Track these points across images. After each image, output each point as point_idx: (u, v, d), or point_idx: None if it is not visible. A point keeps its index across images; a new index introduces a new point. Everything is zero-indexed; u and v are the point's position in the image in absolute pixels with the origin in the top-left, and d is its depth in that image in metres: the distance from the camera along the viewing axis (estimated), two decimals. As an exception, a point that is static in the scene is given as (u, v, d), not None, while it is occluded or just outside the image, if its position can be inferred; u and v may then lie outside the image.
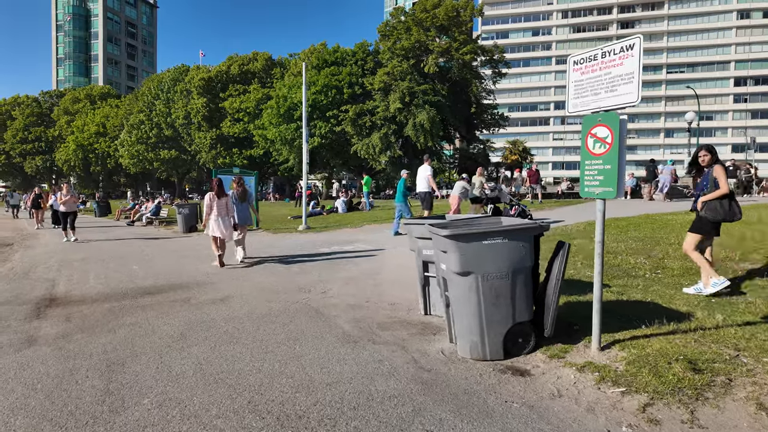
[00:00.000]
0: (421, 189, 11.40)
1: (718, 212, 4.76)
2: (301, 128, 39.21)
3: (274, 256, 9.13)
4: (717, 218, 4.79)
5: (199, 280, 6.81)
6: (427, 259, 4.65)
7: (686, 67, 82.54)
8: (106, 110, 65.54)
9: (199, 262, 8.57)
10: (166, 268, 7.96)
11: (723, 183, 4.75)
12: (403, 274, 6.91)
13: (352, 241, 11.07)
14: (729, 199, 4.76)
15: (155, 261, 8.90)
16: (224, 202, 8.17)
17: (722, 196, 4.75)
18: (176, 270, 7.77)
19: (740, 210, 4.80)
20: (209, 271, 7.59)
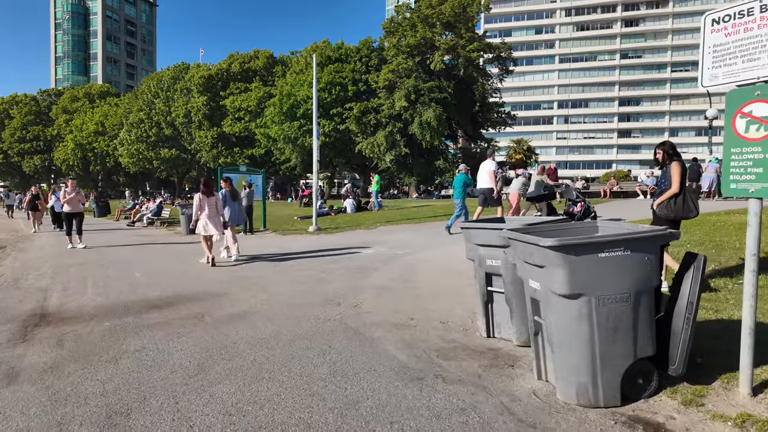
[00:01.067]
0: (482, 185, 10.72)
1: (671, 210, 4.81)
2: (304, 126, 38.49)
3: (287, 260, 8.35)
4: (670, 216, 4.83)
5: (211, 291, 6.01)
6: (492, 270, 3.87)
7: (691, 66, 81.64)
8: (105, 109, 64.67)
9: (208, 269, 7.77)
10: (173, 276, 7.16)
11: (675, 182, 4.79)
12: (443, 284, 6.13)
13: (371, 243, 10.27)
14: (683, 197, 4.78)
15: (160, 266, 8.10)
16: (214, 201, 8.28)
17: (673, 194, 4.80)
18: (184, 277, 6.97)
19: (696, 207, 4.81)
20: (222, 279, 6.79)
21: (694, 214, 4.81)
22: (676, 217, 4.85)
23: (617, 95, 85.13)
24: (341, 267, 7.68)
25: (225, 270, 7.63)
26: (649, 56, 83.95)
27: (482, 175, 10.77)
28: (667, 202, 4.83)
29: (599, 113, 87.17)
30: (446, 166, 37.20)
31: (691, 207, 4.78)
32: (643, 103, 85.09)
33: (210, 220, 8.12)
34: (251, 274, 7.19)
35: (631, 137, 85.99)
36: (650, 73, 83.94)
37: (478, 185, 10.94)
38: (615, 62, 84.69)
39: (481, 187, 10.78)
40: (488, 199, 10.67)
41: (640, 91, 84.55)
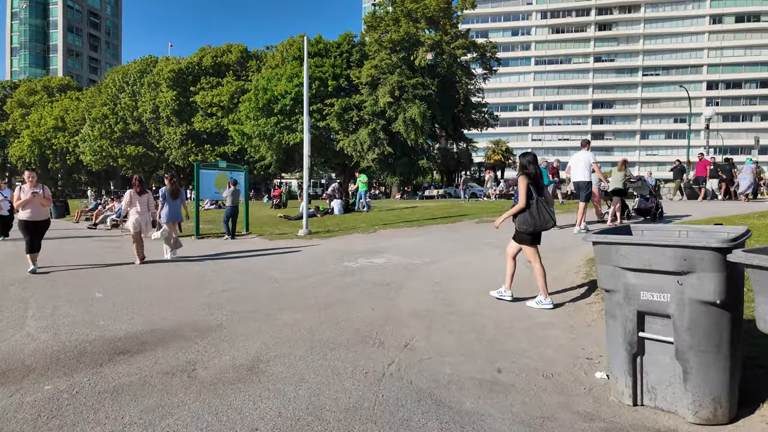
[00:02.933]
0: (580, 178, 9.44)
1: (528, 223, 4.80)
2: (282, 122, 36.68)
3: (285, 273, 6.87)
4: (529, 230, 4.84)
5: (200, 321, 4.50)
6: (650, 308, 2.55)
7: (661, 70, 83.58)
8: (66, 103, 60.88)
9: (192, 287, 6.22)
10: (144, 296, 5.59)
11: (521, 196, 4.80)
12: (499, 308, 4.79)
13: (378, 250, 8.87)
14: (536, 209, 4.76)
15: (128, 284, 6.49)
16: (145, 199, 8.32)
17: (520, 209, 4.80)
18: (160, 300, 5.41)
19: (552, 217, 4.80)
20: (209, 301, 5.27)
21: (551, 224, 4.79)
22: (535, 230, 4.85)
23: (591, 98, 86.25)
24: (357, 282, 6.26)
25: (211, 288, 6.10)
26: (621, 60, 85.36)
27: (578, 167, 9.49)
28: (525, 216, 4.79)
29: (573, 115, 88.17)
30: (430, 165, 36.08)
31: (546, 218, 4.76)
32: (615, 105, 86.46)
33: (141, 218, 8.13)
34: (246, 294, 5.69)
35: (604, 139, 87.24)
36: (622, 76, 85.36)
37: (572, 178, 9.70)
38: (589, 65, 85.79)
39: (578, 180, 9.49)
40: (580, 193, 9.55)
41: (613, 94, 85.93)
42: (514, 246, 5.08)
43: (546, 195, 4.97)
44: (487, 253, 8.13)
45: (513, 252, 5.08)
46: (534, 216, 4.78)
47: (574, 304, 5.01)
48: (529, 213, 4.78)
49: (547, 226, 4.81)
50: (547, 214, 4.77)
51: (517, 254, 5.09)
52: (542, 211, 4.76)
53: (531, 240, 4.94)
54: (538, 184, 4.91)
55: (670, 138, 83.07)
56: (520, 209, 4.82)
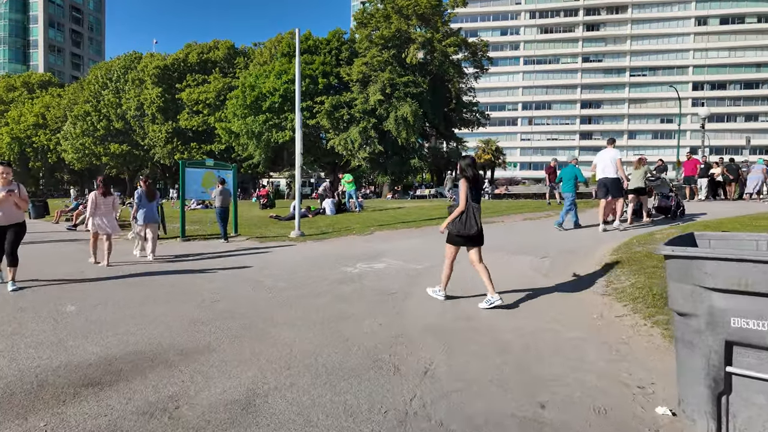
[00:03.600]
0: (607, 175, 9.41)
1: (455, 226, 4.93)
2: (270, 120, 35.93)
3: (279, 280, 6.31)
4: (454, 231, 4.98)
5: (185, 341, 3.93)
6: (741, 338, 2.08)
7: (648, 71, 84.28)
8: (47, 100, 59.28)
9: (177, 297, 5.63)
10: (124, 311, 5.00)
11: (461, 199, 4.92)
12: (523, 323, 4.31)
13: (376, 254, 8.35)
14: (467, 213, 4.87)
15: (105, 295, 5.87)
16: (110, 200, 8.28)
17: (461, 212, 4.89)
18: (141, 314, 4.82)
19: (476, 223, 4.90)
20: (195, 316, 4.70)
21: (475, 229, 4.92)
22: (460, 233, 4.94)
23: (579, 98, 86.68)
24: (358, 291, 5.74)
25: (198, 298, 5.52)
26: (609, 60, 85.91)
27: (606, 164, 9.44)
28: (455, 219, 4.91)
29: (562, 115, 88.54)
30: (421, 165, 35.64)
31: (472, 223, 4.89)
32: (603, 106, 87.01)
33: (102, 219, 8.06)
34: (238, 306, 5.12)
35: (592, 139, 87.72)
36: (610, 76, 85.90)
37: (599, 175, 9.58)
38: (577, 65, 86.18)
39: (605, 177, 9.42)
40: (611, 191, 9.41)
41: (601, 94, 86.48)
42: (448, 248, 5.18)
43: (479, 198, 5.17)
44: (490, 257, 7.66)
45: (476, 258, 5.12)
46: (462, 220, 4.91)
47: (601, 317, 4.55)
48: (461, 218, 4.91)
49: (471, 232, 4.91)
50: (473, 221, 4.90)
51: (480, 257, 5.13)
52: (470, 217, 4.89)
53: (460, 241, 5.05)
54: (477, 186, 5.08)
55: (657, 138, 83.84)
56: (461, 212, 4.91)
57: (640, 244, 7.45)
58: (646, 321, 4.19)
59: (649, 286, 5.03)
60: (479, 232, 4.98)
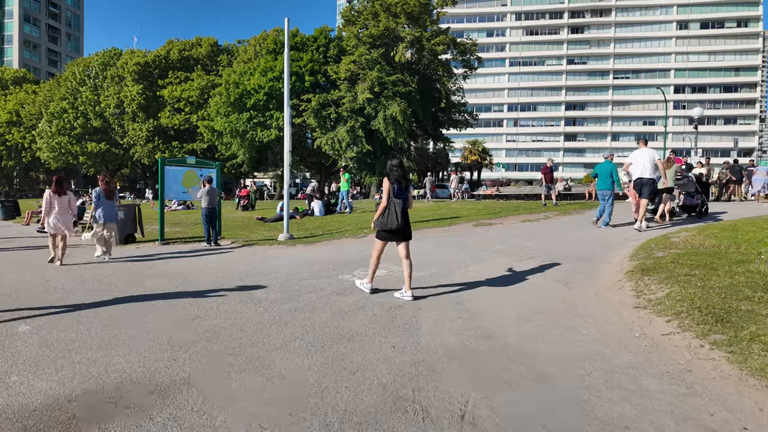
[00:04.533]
0: (644, 174, 9.22)
1: (380, 221, 5.26)
2: (255, 118, 34.96)
3: (269, 292, 5.61)
4: (379, 227, 5.30)
5: (158, 372, 3.23)
6: None
7: (631, 74, 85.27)
8: (21, 96, 57.25)
9: (152, 314, 4.90)
10: (89, 331, 4.25)
11: (384, 197, 5.24)
12: (558, 345, 3.70)
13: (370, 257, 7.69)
14: (388, 210, 5.19)
15: (68, 310, 5.11)
16: (66, 200, 8.11)
17: (384, 208, 5.22)
18: (109, 336, 4.09)
19: (398, 218, 5.15)
20: (174, 337, 3.98)
21: (396, 224, 5.18)
22: (383, 228, 5.26)
23: (564, 99, 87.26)
24: (361, 304, 5.07)
25: (176, 314, 4.80)
26: (593, 63, 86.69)
27: (644, 163, 9.25)
28: (380, 216, 5.26)
29: (547, 117, 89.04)
30: (410, 165, 35.01)
31: (393, 219, 5.18)
32: (587, 108, 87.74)
33: (59, 218, 7.92)
34: (224, 324, 4.42)
35: (576, 141, 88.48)
36: (594, 79, 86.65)
37: (635, 174, 9.38)
38: (562, 67, 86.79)
39: (643, 177, 9.22)
40: (644, 191, 9.26)
41: (585, 96, 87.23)
42: (401, 247, 5.40)
43: (409, 200, 5.40)
44: (501, 263, 7.07)
45: (403, 253, 5.38)
46: (384, 216, 5.24)
47: (644, 335, 3.97)
48: (384, 213, 5.24)
49: (392, 226, 5.20)
50: (394, 216, 5.18)
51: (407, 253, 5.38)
52: (392, 213, 5.19)
53: (384, 236, 5.35)
54: (402, 186, 5.31)
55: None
56: (383, 208, 5.24)
57: (659, 248, 6.94)
58: (702, 341, 3.61)
59: (690, 299, 4.48)
60: (401, 226, 5.22)
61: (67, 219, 8.09)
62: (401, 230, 5.27)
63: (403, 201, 5.26)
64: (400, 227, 5.22)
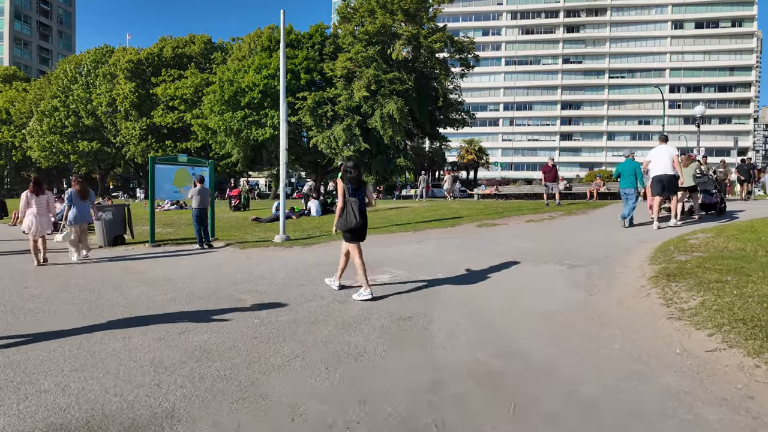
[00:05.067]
0: (665, 171, 9.12)
1: (340, 222, 5.38)
2: (249, 117, 34.40)
3: (264, 299, 5.16)
4: (340, 228, 5.41)
5: (137, 406, 2.77)
6: None
7: (626, 73, 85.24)
8: (11, 94, 56.30)
9: (134, 327, 4.44)
10: (61, 348, 3.79)
11: (339, 198, 5.38)
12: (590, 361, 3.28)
13: (376, 263, 7.24)
14: (346, 210, 5.28)
15: (41, 322, 4.64)
16: (44, 199, 8.01)
17: (341, 209, 5.33)
18: (85, 356, 3.63)
19: (356, 216, 5.23)
20: (158, 359, 3.53)
21: (354, 223, 5.24)
22: (346, 229, 5.33)
23: (560, 99, 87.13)
24: (366, 314, 4.63)
25: (162, 330, 4.35)
26: (589, 62, 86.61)
27: (663, 160, 9.17)
28: (339, 217, 5.33)
29: (543, 116, 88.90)
30: (407, 164, 34.61)
31: (352, 217, 5.24)
32: (583, 107, 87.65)
33: (37, 219, 7.82)
34: (215, 340, 3.96)
35: (572, 140, 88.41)
36: (590, 78, 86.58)
37: (653, 171, 9.31)
38: (558, 66, 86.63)
39: (661, 174, 9.14)
40: (668, 188, 9.16)
41: (581, 95, 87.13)
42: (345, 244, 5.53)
43: (368, 195, 5.59)
44: (511, 267, 6.65)
45: (344, 249, 5.53)
46: (343, 217, 5.31)
47: (684, 350, 3.56)
48: (343, 214, 5.32)
49: (352, 224, 5.27)
50: (352, 215, 5.24)
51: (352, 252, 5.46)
52: (350, 212, 5.25)
53: (350, 237, 5.40)
54: (358, 186, 5.41)
55: (636, 140, 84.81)
56: (341, 209, 5.32)
57: (680, 251, 6.55)
58: (756, 361, 3.20)
59: (729, 309, 4.07)
60: (360, 224, 5.30)
61: (45, 220, 7.97)
62: (362, 227, 5.41)
63: (359, 200, 5.36)
64: (360, 224, 5.31)
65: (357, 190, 5.38)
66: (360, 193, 5.41)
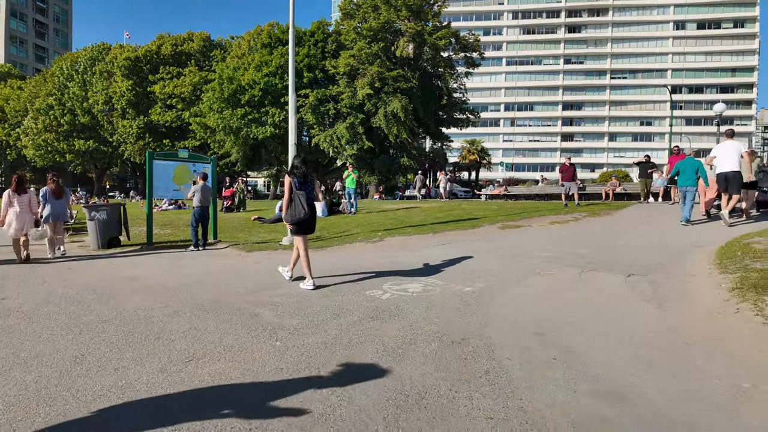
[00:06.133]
0: (731, 168, 8.75)
1: (288, 215, 5.55)
2: (249, 114, 33.56)
3: (285, 317, 4.36)
4: (289, 220, 5.58)
5: None
6: None
7: (628, 74, 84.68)
8: (6, 92, 55.27)
9: (126, 350, 3.63)
10: (39, 383, 2.99)
11: (285, 192, 5.55)
12: (726, 409, 2.48)
13: (400, 269, 6.46)
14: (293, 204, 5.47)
15: (20, 338, 3.83)
16: (26, 198, 8.05)
17: (288, 203, 5.52)
18: (61, 389, 2.83)
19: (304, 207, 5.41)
20: (159, 405, 2.74)
21: (303, 214, 5.42)
22: (294, 220, 5.50)
23: (561, 99, 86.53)
24: (408, 334, 3.83)
25: (164, 353, 3.54)
26: (590, 62, 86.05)
27: (730, 156, 8.83)
28: (288, 210, 5.54)
29: (544, 117, 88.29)
30: (411, 163, 33.76)
31: (300, 209, 5.43)
32: (584, 107, 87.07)
33: (19, 218, 7.87)
34: (232, 372, 3.16)
35: (573, 141, 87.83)
36: (591, 78, 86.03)
37: (719, 168, 8.99)
38: (559, 67, 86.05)
39: (727, 171, 8.78)
40: (731, 185, 8.73)
41: (582, 96, 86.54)
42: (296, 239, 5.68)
43: (316, 189, 5.74)
44: (559, 274, 5.86)
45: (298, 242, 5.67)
46: (292, 209, 5.45)
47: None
48: (291, 206, 5.46)
49: (301, 215, 5.41)
50: (300, 206, 5.39)
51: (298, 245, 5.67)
52: (297, 205, 5.40)
53: (296, 230, 5.57)
54: (306, 181, 5.52)
55: (637, 141, 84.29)
56: (287, 202, 5.48)
57: (749, 256, 5.76)
58: None
59: None
60: (309, 215, 5.45)
61: (27, 218, 7.98)
62: (310, 219, 5.52)
63: (306, 193, 5.48)
64: (308, 215, 5.43)
65: (304, 184, 5.50)
66: (308, 187, 5.57)
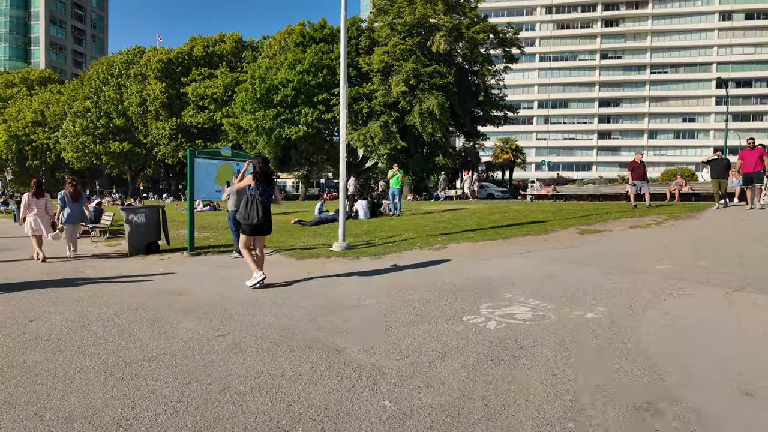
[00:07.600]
0: None
1: (240, 214, 5.58)
2: (282, 115, 33.00)
3: (375, 356, 3.37)
4: (240, 219, 5.62)
5: None
6: None
7: (669, 68, 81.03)
8: (46, 96, 56.70)
9: (173, 398, 2.70)
10: None
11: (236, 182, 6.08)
12: None
13: (486, 287, 5.39)
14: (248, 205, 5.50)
15: (53, 394, 2.96)
16: (43, 201, 8.46)
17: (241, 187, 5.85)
18: None
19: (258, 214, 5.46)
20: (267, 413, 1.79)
21: (255, 221, 5.47)
22: (246, 222, 5.51)
23: (597, 96, 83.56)
24: (561, 391, 2.78)
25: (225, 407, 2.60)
26: (628, 57, 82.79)
27: None
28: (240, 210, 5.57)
29: (579, 114, 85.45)
30: (446, 162, 32.54)
31: (253, 214, 5.45)
32: (622, 104, 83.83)
33: (37, 220, 8.22)
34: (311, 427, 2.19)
35: (610, 139, 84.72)
36: (630, 74, 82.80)
37: None
38: (595, 62, 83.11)
39: None
40: None
41: (620, 92, 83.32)
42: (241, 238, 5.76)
43: (276, 193, 5.81)
44: (700, 295, 4.69)
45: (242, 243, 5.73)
46: (247, 209, 5.51)
47: None
48: (244, 207, 5.52)
49: (252, 221, 5.48)
50: (254, 212, 5.47)
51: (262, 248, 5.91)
52: (251, 208, 5.48)
53: (249, 231, 5.59)
54: (267, 181, 5.65)
55: (679, 138, 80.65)
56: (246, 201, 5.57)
57: None
58: None
59: None
60: (261, 222, 5.49)
61: (45, 220, 8.44)
62: (262, 226, 5.59)
63: (264, 198, 5.53)
64: (261, 223, 5.50)
65: (266, 188, 5.58)
66: (269, 190, 5.62)
